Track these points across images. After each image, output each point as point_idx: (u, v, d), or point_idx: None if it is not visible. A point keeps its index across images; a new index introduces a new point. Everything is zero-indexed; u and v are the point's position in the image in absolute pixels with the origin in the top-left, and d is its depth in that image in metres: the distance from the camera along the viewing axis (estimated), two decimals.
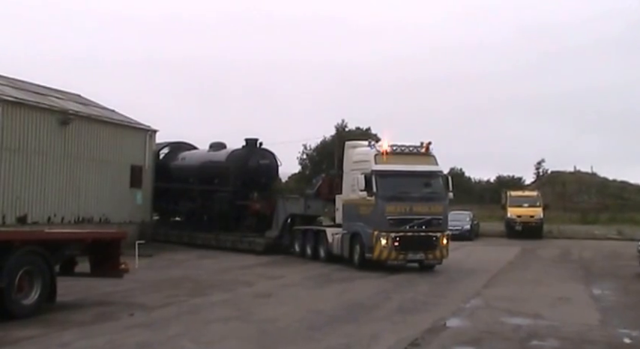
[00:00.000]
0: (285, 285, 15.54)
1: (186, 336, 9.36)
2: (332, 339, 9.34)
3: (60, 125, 22.70)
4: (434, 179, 18.82)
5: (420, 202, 18.26)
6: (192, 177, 27.84)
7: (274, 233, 23.80)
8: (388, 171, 18.08)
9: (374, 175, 17.99)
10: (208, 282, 15.69)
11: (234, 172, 25.56)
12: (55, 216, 22.34)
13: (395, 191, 18.14)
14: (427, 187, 18.72)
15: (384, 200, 17.96)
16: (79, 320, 10.38)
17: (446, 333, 10.15)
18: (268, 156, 26.41)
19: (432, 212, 18.35)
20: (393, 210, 17.98)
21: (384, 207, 17.94)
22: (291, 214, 23.48)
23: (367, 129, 55.48)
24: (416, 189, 18.50)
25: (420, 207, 18.20)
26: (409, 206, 18.10)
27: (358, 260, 18.62)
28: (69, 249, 11.77)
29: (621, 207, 51.92)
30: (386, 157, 18.28)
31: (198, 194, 27.30)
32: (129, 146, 26.51)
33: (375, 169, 18.05)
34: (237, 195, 25.37)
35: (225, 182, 25.87)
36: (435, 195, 18.66)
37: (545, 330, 10.52)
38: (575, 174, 59.94)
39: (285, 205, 23.76)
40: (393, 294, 14.05)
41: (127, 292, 13.33)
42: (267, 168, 26.00)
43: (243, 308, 12.01)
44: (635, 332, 10.63)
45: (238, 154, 26.05)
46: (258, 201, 24.76)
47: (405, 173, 18.28)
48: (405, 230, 18.00)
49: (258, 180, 25.49)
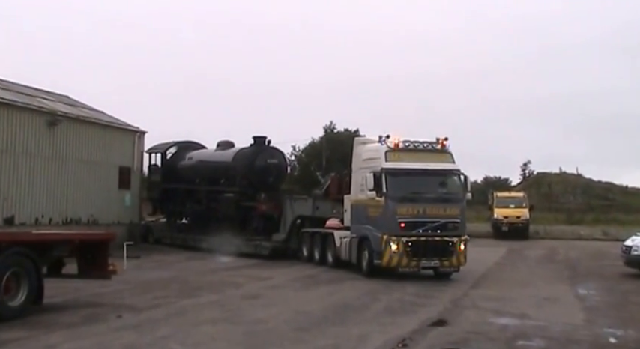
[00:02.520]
0: (273, 287, 15.57)
1: (175, 338, 9.37)
2: (320, 340, 9.39)
3: (48, 126, 22.62)
4: (450, 178, 17.32)
5: (434, 203, 16.77)
6: (199, 178, 26.74)
7: (281, 236, 22.53)
8: (400, 169, 16.66)
9: (384, 174, 16.55)
10: (197, 284, 15.69)
11: (240, 172, 24.45)
12: (42, 217, 22.23)
13: (407, 191, 16.71)
14: (443, 187, 17.29)
15: (395, 201, 16.52)
16: (67, 322, 10.35)
17: (433, 334, 10.22)
18: (277, 154, 25.33)
19: (448, 214, 16.81)
20: (404, 212, 16.49)
21: (394, 208, 16.48)
22: (299, 216, 22.25)
23: (355, 131, 55.51)
24: (430, 189, 17.04)
25: (434, 209, 16.70)
26: (422, 207, 16.61)
27: (367, 267, 17.21)
28: (56, 250, 11.74)
29: (606, 207, 52.44)
30: (398, 154, 16.91)
31: (204, 195, 26.21)
32: (117, 147, 26.45)
33: (386, 167, 16.62)
34: (243, 196, 24.27)
35: (232, 182, 24.84)
36: (452, 195, 17.16)
37: (531, 330, 10.63)
38: (560, 176, 60.44)
39: (292, 206, 22.49)
40: (381, 295, 14.11)
41: (116, 293, 13.30)
42: (275, 168, 24.74)
43: (232, 309, 12.04)
44: (620, 331, 10.76)
45: (245, 153, 24.86)
46: (264, 202, 23.51)
47: (418, 171, 16.82)
48: (417, 234, 16.49)
49: (266, 180, 24.28)
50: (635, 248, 19.03)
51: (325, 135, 54.58)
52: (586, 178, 60.23)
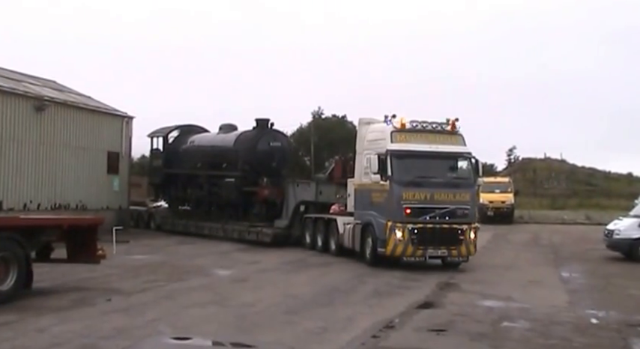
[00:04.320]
0: (262, 270, 15.69)
1: (164, 321, 9.46)
2: (309, 323, 9.54)
3: (35, 111, 22.46)
4: (461, 161, 16.40)
5: (443, 188, 15.77)
6: (201, 163, 25.72)
7: (284, 222, 21.69)
8: (406, 152, 15.69)
9: (389, 156, 15.56)
10: (186, 268, 15.76)
11: (242, 156, 23.50)
12: (31, 202, 22.15)
13: (413, 174, 15.75)
14: (452, 171, 16.38)
15: (401, 185, 15.52)
16: (56, 306, 10.41)
17: (420, 316, 10.41)
18: (280, 137, 24.43)
19: (458, 200, 15.77)
20: (410, 197, 15.48)
21: (400, 193, 15.47)
22: (302, 201, 21.34)
23: (343, 117, 55.63)
24: (439, 172, 16.11)
25: (443, 195, 15.70)
26: (430, 192, 15.60)
27: (370, 255, 16.27)
28: (45, 235, 11.75)
29: (589, 192, 53.25)
30: (404, 135, 15.92)
31: (205, 180, 25.28)
32: (105, 132, 26.29)
33: (391, 149, 15.63)
34: (244, 181, 23.29)
35: (233, 167, 23.91)
36: (462, 180, 16.21)
37: (516, 312, 10.86)
38: (545, 161, 61.12)
39: (295, 191, 21.59)
40: (369, 278, 14.28)
41: (104, 278, 13.36)
42: (278, 151, 23.63)
43: (221, 292, 12.14)
44: (602, 312, 11.02)
45: (247, 136, 23.92)
46: (267, 187, 22.61)
47: (426, 154, 15.83)
48: (424, 221, 15.50)
49: (269, 164, 23.24)
50: (617, 232, 19.39)
51: (313, 121, 54.60)
52: (570, 164, 61.02)
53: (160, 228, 26.90)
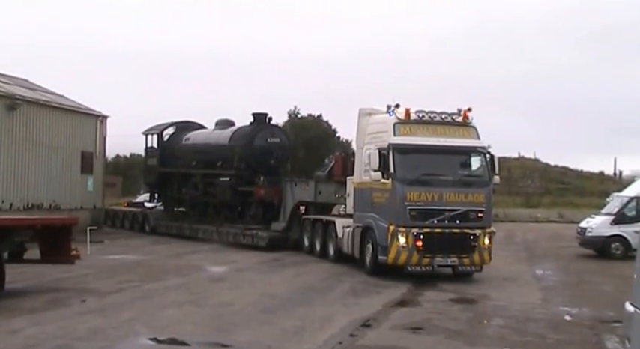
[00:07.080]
0: (238, 270, 15.65)
1: (140, 321, 9.40)
2: (286, 322, 9.55)
3: (7, 110, 22.11)
4: (474, 157, 14.54)
5: (453, 188, 13.94)
6: (196, 161, 24.39)
7: (281, 225, 20.16)
8: (411, 145, 13.90)
9: (391, 150, 13.77)
10: (162, 268, 15.66)
11: (238, 153, 21.94)
12: (3, 202, 21.79)
13: (419, 172, 13.94)
14: (464, 168, 14.63)
15: (404, 184, 13.73)
16: (29, 307, 10.27)
17: (396, 314, 10.49)
18: (278, 133, 22.87)
19: (470, 201, 13.94)
20: (415, 198, 13.67)
21: (403, 193, 13.66)
22: (300, 202, 19.79)
23: (319, 116, 55.64)
24: (448, 169, 14.31)
25: (453, 195, 13.85)
26: (438, 192, 13.78)
27: (370, 264, 14.55)
28: (18, 235, 11.59)
29: (562, 191, 54.09)
30: (409, 127, 14.14)
31: (200, 180, 23.89)
32: (79, 132, 26.01)
33: (394, 142, 13.82)
34: (240, 180, 21.83)
35: (229, 165, 22.41)
36: (475, 178, 14.44)
37: (491, 310, 11.01)
38: (519, 160, 61.90)
39: (292, 191, 20.02)
40: (345, 277, 14.32)
41: (79, 278, 13.21)
42: (277, 148, 21.97)
43: (198, 292, 12.10)
44: (575, 309, 11.22)
45: (243, 132, 22.38)
46: (263, 186, 21.01)
47: (434, 148, 14.00)
48: (431, 225, 13.70)
49: (267, 162, 21.62)
50: (590, 229, 19.74)
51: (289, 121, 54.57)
52: (543, 162, 61.90)
53: (154, 231, 25.48)
